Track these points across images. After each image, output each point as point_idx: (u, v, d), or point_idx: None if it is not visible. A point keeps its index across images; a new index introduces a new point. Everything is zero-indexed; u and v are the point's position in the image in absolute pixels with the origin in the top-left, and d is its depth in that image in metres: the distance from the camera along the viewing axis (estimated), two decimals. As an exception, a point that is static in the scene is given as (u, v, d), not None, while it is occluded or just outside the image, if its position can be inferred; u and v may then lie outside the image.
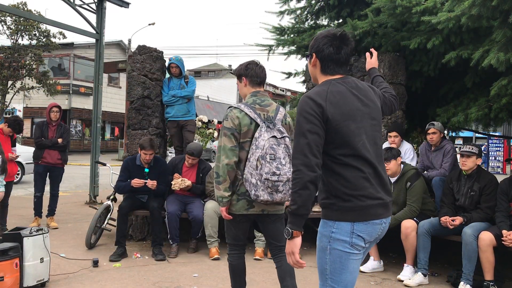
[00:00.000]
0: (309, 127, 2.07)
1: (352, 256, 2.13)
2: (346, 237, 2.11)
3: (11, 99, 23.63)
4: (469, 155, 4.43)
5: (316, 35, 2.30)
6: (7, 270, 3.62)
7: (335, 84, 2.20)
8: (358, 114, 2.16)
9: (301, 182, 2.03)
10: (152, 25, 33.18)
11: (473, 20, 4.50)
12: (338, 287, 2.14)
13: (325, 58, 2.23)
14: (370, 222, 2.12)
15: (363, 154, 2.12)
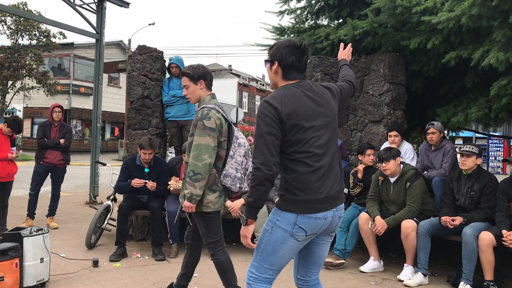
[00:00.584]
0: (267, 129, 2.30)
1: (288, 244, 2.37)
2: (288, 227, 2.34)
3: (11, 99, 23.64)
4: (469, 155, 4.43)
5: (277, 44, 2.49)
6: (7, 270, 3.62)
7: (291, 88, 2.41)
8: (311, 114, 2.37)
9: (259, 179, 2.28)
10: (152, 25, 33.18)
11: (473, 20, 4.49)
12: (265, 265, 2.44)
13: (287, 66, 2.43)
14: (312, 216, 2.33)
15: (313, 151, 2.34)
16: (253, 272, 2.48)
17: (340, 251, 4.92)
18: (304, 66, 2.48)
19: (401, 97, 6.11)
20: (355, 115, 6.48)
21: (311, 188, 2.31)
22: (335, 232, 2.52)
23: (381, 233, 4.60)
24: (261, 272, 2.46)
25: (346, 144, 6.28)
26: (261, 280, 2.47)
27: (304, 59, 2.46)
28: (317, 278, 2.66)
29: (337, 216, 2.43)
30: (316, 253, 2.56)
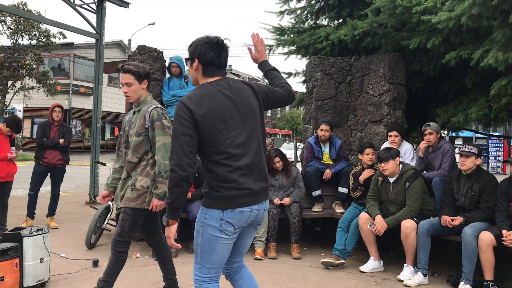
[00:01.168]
0: (182, 130, 2.33)
1: (221, 240, 2.41)
2: (216, 223, 2.38)
3: (11, 99, 23.65)
4: (468, 155, 4.43)
5: (195, 41, 2.49)
6: (7, 270, 3.62)
7: (207, 87, 2.43)
8: (227, 113, 2.40)
9: (174, 181, 2.32)
10: (152, 25, 33.19)
11: (473, 20, 4.49)
12: (206, 265, 2.46)
13: (207, 62, 2.45)
14: (237, 210, 2.38)
15: (230, 151, 2.37)
16: (197, 275, 2.50)
17: (340, 251, 4.92)
18: (224, 62, 2.51)
19: (401, 97, 6.11)
20: (355, 115, 6.48)
21: (233, 185, 2.36)
22: (260, 224, 2.58)
23: (381, 233, 4.60)
24: (205, 273, 2.48)
25: (346, 144, 6.29)
26: (206, 280, 2.50)
27: (223, 55, 2.48)
28: (241, 261, 2.72)
29: (262, 209, 2.49)
30: (239, 244, 2.60)
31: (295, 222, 5.27)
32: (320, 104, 6.48)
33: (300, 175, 5.60)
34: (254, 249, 5.22)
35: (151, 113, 3.36)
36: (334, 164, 5.78)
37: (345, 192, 5.64)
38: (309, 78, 6.70)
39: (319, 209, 5.60)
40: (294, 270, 4.80)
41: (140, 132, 3.35)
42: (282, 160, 5.54)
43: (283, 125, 47.01)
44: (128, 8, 10.11)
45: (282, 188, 5.51)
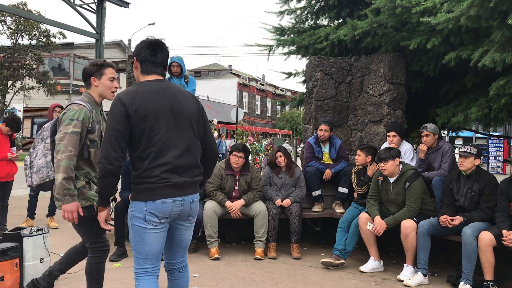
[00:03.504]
0: (112, 124, 2.46)
1: (148, 230, 2.52)
2: (141, 214, 2.51)
3: (11, 99, 23.64)
4: (466, 156, 4.42)
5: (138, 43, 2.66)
6: (7, 270, 3.62)
7: (145, 84, 2.58)
8: (160, 111, 2.51)
9: (102, 172, 2.46)
10: (152, 25, 33.18)
11: (472, 21, 4.49)
12: (140, 256, 2.57)
13: (143, 60, 2.61)
14: (159, 201, 2.49)
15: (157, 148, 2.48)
16: (135, 267, 2.61)
17: (340, 251, 4.92)
18: (160, 60, 2.62)
19: (401, 97, 6.11)
20: (355, 115, 6.48)
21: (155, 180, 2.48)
22: (192, 216, 2.68)
23: (380, 233, 4.60)
24: (140, 264, 2.58)
25: (346, 144, 6.29)
26: (143, 272, 2.59)
27: (159, 53, 2.61)
28: (184, 261, 2.81)
29: (188, 201, 2.59)
30: (176, 237, 2.70)
31: (295, 222, 5.27)
32: (320, 104, 6.48)
33: (302, 176, 5.59)
34: (254, 249, 5.22)
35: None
36: (334, 164, 5.78)
37: (345, 192, 5.64)
38: (309, 78, 6.70)
39: (319, 209, 5.60)
40: (294, 270, 4.80)
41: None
42: (285, 156, 5.54)
43: (283, 125, 47.04)
44: (128, 8, 10.12)
45: (284, 187, 5.51)
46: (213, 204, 5.23)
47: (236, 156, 5.26)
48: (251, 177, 5.37)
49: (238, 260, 5.10)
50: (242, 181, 5.36)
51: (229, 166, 5.37)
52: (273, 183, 5.56)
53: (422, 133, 5.22)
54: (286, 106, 43.03)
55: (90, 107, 3.13)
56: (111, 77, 3.16)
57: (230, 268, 4.79)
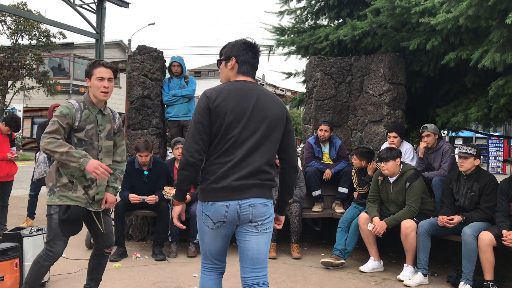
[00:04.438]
0: (196, 118, 2.46)
1: (205, 230, 2.53)
2: (200, 214, 2.53)
3: (11, 99, 23.64)
4: (466, 157, 4.42)
5: (232, 43, 2.62)
6: (7, 270, 3.62)
7: (234, 83, 2.54)
8: (240, 111, 2.45)
9: (182, 164, 2.46)
10: (152, 25, 33.20)
11: (471, 21, 4.49)
12: (202, 252, 2.64)
13: (244, 61, 2.56)
14: (212, 203, 2.45)
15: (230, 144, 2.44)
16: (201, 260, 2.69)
17: (340, 251, 4.92)
18: (257, 64, 2.63)
19: (401, 97, 6.12)
20: (355, 115, 6.49)
21: (213, 179, 2.44)
22: (258, 223, 2.50)
23: (380, 234, 4.60)
24: (202, 258, 2.66)
25: (346, 144, 6.29)
26: (204, 267, 2.66)
27: (258, 57, 2.62)
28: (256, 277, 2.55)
29: (247, 205, 2.45)
30: (242, 244, 2.55)
31: (295, 222, 5.27)
32: (320, 104, 6.48)
33: (302, 176, 5.60)
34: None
35: (119, 119, 3.40)
36: (334, 164, 5.78)
37: (345, 192, 5.64)
38: (309, 78, 6.70)
39: (319, 209, 5.60)
40: (294, 270, 4.80)
41: (111, 136, 3.31)
42: None
43: (283, 125, 46.96)
44: (128, 8, 10.13)
45: (283, 187, 5.50)
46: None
47: None
48: None
49: (238, 260, 5.10)
50: None
51: None
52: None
53: (422, 133, 5.22)
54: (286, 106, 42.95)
55: (82, 106, 3.14)
56: (99, 77, 3.12)
57: (230, 268, 4.76)
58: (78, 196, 3.12)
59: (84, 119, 3.12)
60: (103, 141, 3.24)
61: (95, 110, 3.20)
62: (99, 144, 3.21)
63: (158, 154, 6.02)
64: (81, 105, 3.14)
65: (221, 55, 2.64)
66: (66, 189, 3.10)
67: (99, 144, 3.21)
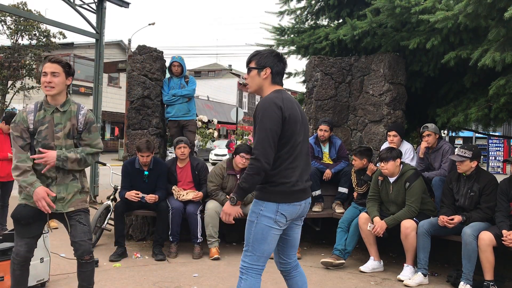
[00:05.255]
0: (271, 125, 2.61)
1: (273, 231, 2.71)
2: (272, 215, 2.68)
3: (11, 99, 23.65)
4: (462, 160, 4.42)
5: (263, 52, 2.82)
6: (7, 270, 3.62)
7: (284, 93, 2.78)
8: (298, 119, 2.75)
9: (257, 169, 2.59)
10: (152, 25, 33.18)
11: (470, 19, 4.49)
12: (256, 253, 2.72)
13: (277, 71, 2.80)
14: (292, 204, 2.71)
15: (295, 152, 2.72)
16: (246, 262, 2.75)
17: (340, 251, 4.92)
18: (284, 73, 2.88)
19: (401, 97, 6.11)
20: (355, 115, 6.48)
21: (292, 182, 2.69)
22: (304, 216, 2.92)
23: (380, 234, 4.60)
24: (254, 260, 2.73)
25: (346, 144, 6.29)
26: (254, 268, 2.74)
27: (286, 67, 2.87)
28: (296, 259, 3.04)
29: (308, 204, 2.85)
30: (290, 237, 2.91)
31: (295, 222, 5.27)
32: (320, 104, 6.48)
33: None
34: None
35: (86, 115, 3.19)
36: (334, 164, 5.77)
37: (345, 192, 5.64)
38: (309, 78, 6.70)
39: (319, 209, 5.59)
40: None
41: (73, 135, 3.14)
42: None
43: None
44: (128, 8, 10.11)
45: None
46: (215, 204, 5.23)
47: (243, 158, 5.23)
48: None
49: (238, 260, 5.09)
50: None
51: (231, 166, 5.38)
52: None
53: (423, 133, 5.22)
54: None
55: (38, 107, 3.11)
56: (43, 72, 3.05)
57: (230, 268, 4.79)
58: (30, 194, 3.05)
59: (38, 120, 3.06)
60: (62, 140, 3.09)
61: (50, 109, 3.10)
62: (57, 144, 3.08)
63: (158, 154, 6.02)
64: (37, 106, 3.10)
65: (249, 63, 2.84)
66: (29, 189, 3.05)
67: (56, 144, 3.07)
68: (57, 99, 3.11)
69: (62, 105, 3.12)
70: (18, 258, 3.16)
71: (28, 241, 3.17)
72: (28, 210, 3.11)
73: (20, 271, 3.20)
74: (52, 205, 3.00)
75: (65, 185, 3.15)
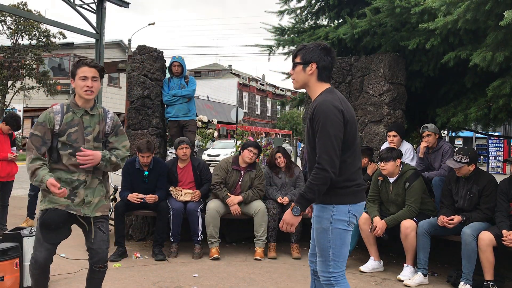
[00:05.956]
0: (334, 132, 2.48)
1: (349, 232, 2.67)
2: (345, 217, 2.62)
3: (11, 99, 23.66)
4: (459, 167, 4.41)
5: (309, 46, 2.65)
6: (7, 270, 3.62)
7: (337, 91, 2.64)
8: (355, 118, 2.65)
9: (325, 179, 2.47)
10: (152, 25, 33.18)
11: (469, 24, 4.50)
12: (340, 259, 2.63)
13: (324, 67, 2.62)
14: (361, 203, 2.68)
15: (358, 152, 2.65)
16: (332, 272, 2.62)
17: (340, 251, 4.91)
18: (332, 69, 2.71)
19: (401, 97, 6.11)
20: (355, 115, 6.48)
21: (357, 182, 2.62)
22: None
23: (381, 234, 4.60)
24: (339, 267, 2.64)
25: (346, 144, 6.27)
26: (342, 275, 2.64)
27: (334, 62, 2.69)
28: None
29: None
30: None
31: (295, 222, 5.27)
32: (320, 104, 6.47)
33: (302, 176, 5.61)
34: (254, 249, 5.22)
35: (114, 118, 3.25)
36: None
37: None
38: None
39: (319, 209, 5.59)
40: (294, 270, 4.80)
41: (100, 138, 3.15)
42: (285, 157, 5.57)
43: (283, 125, 47.04)
44: (128, 8, 10.13)
45: (284, 187, 5.52)
46: (216, 204, 5.24)
47: (251, 152, 5.34)
48: (255, 175, 5.41)
49: (238, 260, 5.10)
50: (246, 177, 5.40)
51: (236, 161, 5.46)
52: (273, 183, 5.57)
53: (423, 133, 5.22)
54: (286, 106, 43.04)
55: (65, 109, 3.06)
56: (82, 76, 3.02)
57: (230, 268, 4.79)
58: (59, 198, 2.98)
59: (66, 122, 3.02)
60: (91, 143, 3.09)
61: (80, 111, 3.08)
62: (86, 147, 3.05)
63: (158, 154, 6.02)
64: (64, 108, 3.06)
65: (295, 57, 2.68)
66: (49, 192, 2.97)
67: (86, 147, 3.05)
68: (89, 102, 3.11)
69: (92, 108, 3.13)
70: (37, 265, 3.05)
71: (50, 247, 3.07)
72: (59, 214, 3.01)
73: (39, 275, 3.14)
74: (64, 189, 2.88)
75: (92, 189, 3.13)
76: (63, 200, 3.00)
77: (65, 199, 3.00)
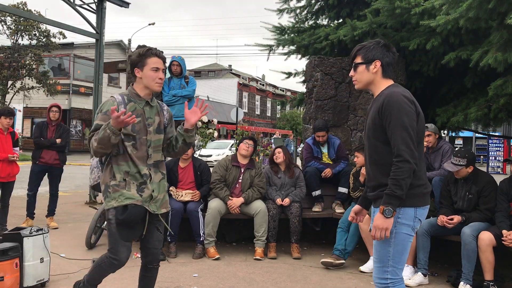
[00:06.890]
0: (410, 122, 2.37)
1: (411, 238, 2.47)
2: (410, 222, 2.42)
3: (11, 99, 23.67)
4: (457, 170, 4.41)
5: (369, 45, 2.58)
6: (7, 270, 3.62)
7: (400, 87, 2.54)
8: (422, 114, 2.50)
9: (409, 172, 2.33)
10: (152, 25, 33.19)
11: (471, 23, 4.50)
12: (399, 266, 2.46)
13: (388, 63, 2.56)
14: (426, 207, 2.47)
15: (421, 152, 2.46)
16: (389, 278, 2.47)
17: (340, 251, 4.92)
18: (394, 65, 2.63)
19: (401, 97, 6.11)
20: (355, 115, 6.48)
21: (424, 183, 2.46)
22: None
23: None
24: (397, 274, 2.48)
25: (346, 144, 6.29)
26: (399, 281, 2.49)
27: (396, 57, 2.59)
28: None
29: None
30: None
31: (295, 222, 5.27)
32: (320, 104, 6.48)
33: (302, 176, 5.61)
34: (254, 249, 5.22)
35: (169, 110, 3.18)
36: (334, 165, 5.77)
37: (345, 192, 5.64)
38: (309, 78, 6.70)
39: (319, 209, 5.59)
40: (294, 270, 4.80)
41: (161, 130, 3.05)
42: (284, 153, 5.58)
43: (283, 125, 47.03)
44: (128, 8, 10.12)
45: (283, 187, 5.52)
46: (218, 203, 5.23)
47: (246, 144, 5.41)
48: (255, 173, 5.42)
49: (238, 260, 5.10)
50: (246, 174, 5.40)
51: (236, 158, 5.48)
52: (272, 183, 5.57)
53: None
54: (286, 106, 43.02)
55: (126, 99, 2.91)
56: (154, 67, 2.90)
57: (230, 268, 4.79)
58: (133, 193, 2.86)
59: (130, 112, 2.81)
60: (152, 135, 2.97)
61: (141, 102, 2.96)
62: (148, 138, 2.94)
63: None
64: (124, 98, 2.92)
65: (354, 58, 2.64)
66: (119, 187, 2.85)
67: (147, 138, 2.94)
68: (149, 94, 2.99)
69: (151, 100, 3.03)
70: (121, 265, 3.00)
71: (129, 244, 2.98)
72: (138, 210, 2.87)
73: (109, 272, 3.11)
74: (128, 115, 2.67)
75: (157, 183, 3.00)
76: (137, 196, 2.87)
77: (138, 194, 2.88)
